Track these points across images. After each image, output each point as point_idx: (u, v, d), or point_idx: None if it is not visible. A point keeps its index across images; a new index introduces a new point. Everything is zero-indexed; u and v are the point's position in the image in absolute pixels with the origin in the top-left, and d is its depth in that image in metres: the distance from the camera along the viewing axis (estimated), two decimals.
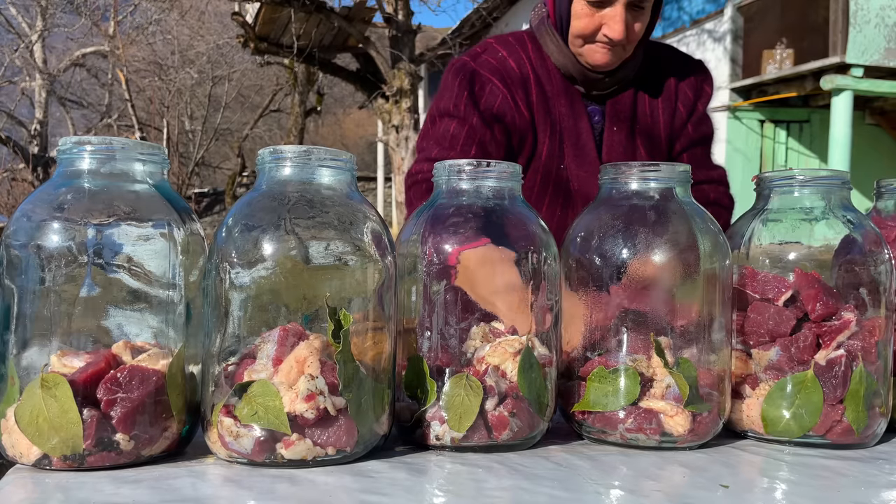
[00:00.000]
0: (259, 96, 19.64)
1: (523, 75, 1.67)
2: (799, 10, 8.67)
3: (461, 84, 1.67)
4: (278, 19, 10.60)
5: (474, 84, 1.66)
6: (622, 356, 0.92)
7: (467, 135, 1.62)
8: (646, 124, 1.70)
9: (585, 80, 1.65)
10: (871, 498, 0.77)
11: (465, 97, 1.66)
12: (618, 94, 1.69)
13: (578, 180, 1.62)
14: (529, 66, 1.68)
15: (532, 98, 1.66)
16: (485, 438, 0.87)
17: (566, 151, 1.65)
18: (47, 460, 0.76)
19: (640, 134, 1.70)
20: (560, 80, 1.67)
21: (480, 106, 1.64)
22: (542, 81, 1.67)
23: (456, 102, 1.66)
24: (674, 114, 1.74)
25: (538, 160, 1.66)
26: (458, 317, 0.89)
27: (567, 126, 1.66)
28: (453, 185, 0.93)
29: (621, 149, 1.67)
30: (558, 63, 1.66)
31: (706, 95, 1.80)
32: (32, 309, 0.79)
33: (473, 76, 1.66)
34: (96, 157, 0.83)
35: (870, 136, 9.08)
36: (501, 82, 1.65)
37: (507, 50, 1.70)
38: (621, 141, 1.67)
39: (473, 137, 1.62)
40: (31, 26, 17.01)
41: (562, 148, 1.65)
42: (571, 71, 1.64)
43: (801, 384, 0.93)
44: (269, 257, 0.80)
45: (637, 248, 0.93)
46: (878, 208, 1.13)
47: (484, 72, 1.66)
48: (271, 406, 0.77)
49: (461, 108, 1.65)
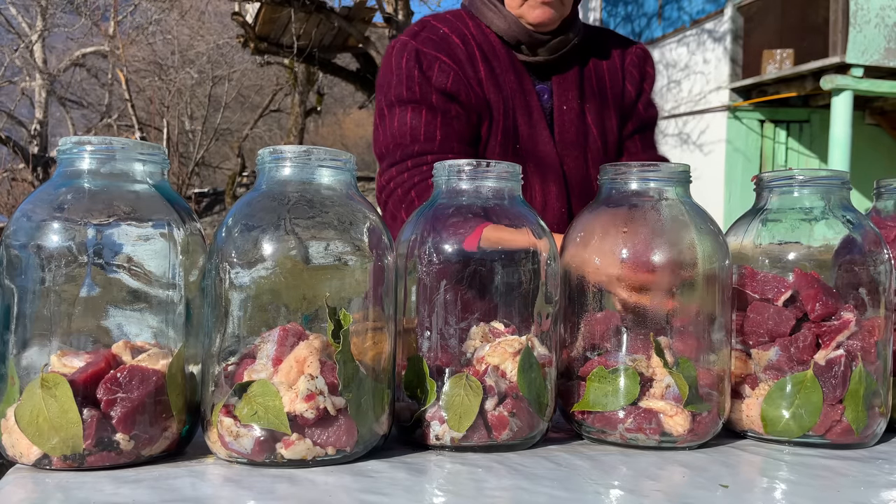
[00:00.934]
0: (259, 96, 19.64)
1: (469, 52, 1.58)
2: (799, 10, 8.67)
3: (408, 64, 1.56)
4: (278, 19, 10.61)
5: (421, 63, 1.55)
6: (622, 356, 0.92)
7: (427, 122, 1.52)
8: (595, 103, 1.66)
9: (531, 43, 1.59)
10: (870, 498, 0.77)
11: (417, 77, 1.55)
12: (563, 71, 1.63)
13: (535, 161, 1.57)
14: (474, 42, 1.60)
15: (481, 75, 1.57)
16: (484, 438, 0.87)
17: (521, 131, 1.58)
18: (47, 460, 0.76)
19: (590, 112, 1.65)
20: (506, 56, 1.60)
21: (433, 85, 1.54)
22: (488, 58, 1.59)
23: (408, 86, 1.54)
24: (622, 93, 1.71)
25: (494, 140, 1.58)
26: (458, 317, 0.89)
27: (519, 104, 1.59)
28: (453, 185, 0.93)
29: (573, 129, 1.62)
30: (500, 30, 1.59)
31: (650, 77, 1.77)
32: (32, 309, 0.79)
33: (419, 55, 1.56)
34: (96, 157, 0.83)
35: (870, 136, 9.09)
36: (450, 59, 1.56)
37: (447, 26, 1.61)
38: (572, 120, 1.63)
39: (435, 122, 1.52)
40: (31, 26, 17.01)
41: (516, 128, 1.58)
42: (517, 33, 1.58)
43: (800, 384, 0.93)
44: (269, 257, 0.80)
45: (637, 247, 0.93)
46: (877, 208, 1.13)
47: (429, 49, 1.56)
48: (271, 406, 0.78)
49: (415, 90, 1.54)
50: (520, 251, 0.90)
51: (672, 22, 10.55)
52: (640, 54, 1.76)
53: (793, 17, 8.74)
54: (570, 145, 1.61)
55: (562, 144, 1.61)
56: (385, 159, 1.54)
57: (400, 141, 1.52)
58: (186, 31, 17.44)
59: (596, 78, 1.67)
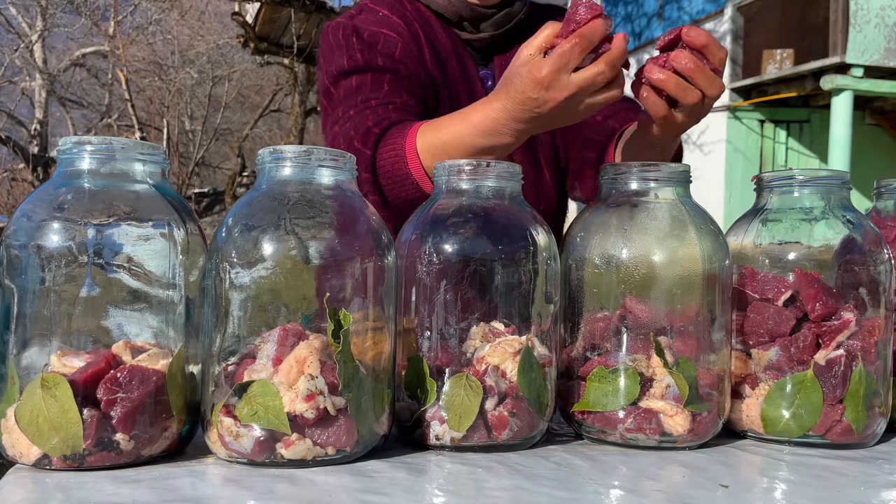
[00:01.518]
0: (259, 96, 19.64)
1: (412, 33, 1.48)
2: (799, 10, 8.68)
3: (346, 36, 1.45)
4: (278, 19, 10.61)
5: (362, 34, 1.45)
6: (622, 356, 0.92)
7: (373, 80, 1.40)
8: None
9: (474, 17, 1.51)
10: (870, 498, 0.77)
11: (357, 45, 1.44)
12: (505, 52, 1.55)
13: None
14: (417, 24, 1.50)
15: (426, 58, 1.48)
16: (484, 438, 0.87)
17: None
18: (47, 460, 0.76)
19: None
20: (447, 40, 1.52)
21: (380, 52, 1.43)
22: (431, 41, 1.50)
23: (349, 55, 1.43)
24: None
25: None
26: (458, 317, 0.89)
27: (462, 91, 1.51)
28: (453, 185, 0.93)
29: None
30: (440, 6, 1.51)
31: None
32: (32, 309, 0.79)
33: (358, 30, 1.46)
34: (96, 157, 0.83)
35: (870, 136, 9.09)
36: (394, 33, 1.46)
37: (387, 8, 1.51)
38: None
39: (382, 79, 1.40)
40: (31, 26, 17.02)
41: None
42: (458, 8, 1.50)
43: (800, 384, 0.93)
44: (269, 257, 0.80)
45: (637, 247, 0.93)
46: (877, 208, 1.13)
47: (369, 27, 1.47)
48: (271, 406, 0.78)
49: (357, 58, 1.42)
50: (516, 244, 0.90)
51: (672, 22, 10.55)
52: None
53: (793, 17, 8.74)
54: None
55: None
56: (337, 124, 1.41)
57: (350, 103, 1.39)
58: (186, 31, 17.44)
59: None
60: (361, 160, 1.29)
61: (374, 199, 1.30)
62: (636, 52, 11.08)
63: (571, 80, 1.06)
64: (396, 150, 1.26)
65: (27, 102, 18.38)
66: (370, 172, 1.29)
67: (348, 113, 1.39)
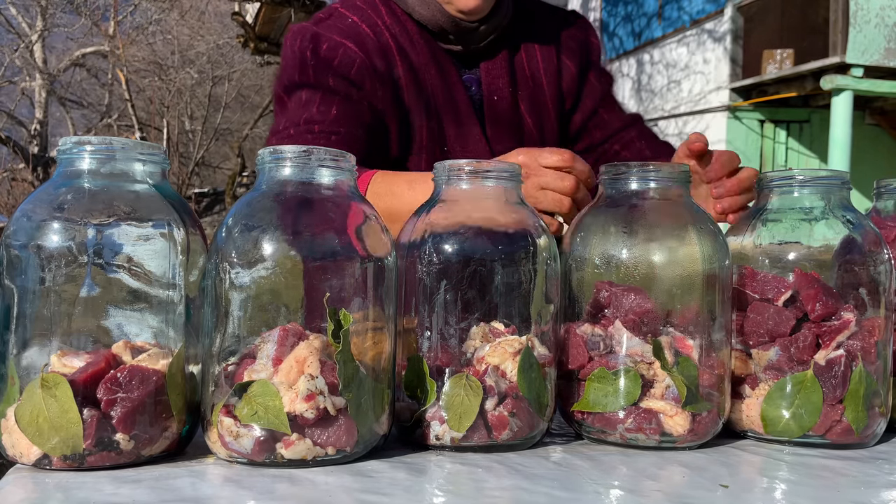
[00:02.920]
0: (259, 96, 19.64)
1: (382, 44, 1.41)
2: (799, 10, 8.67)
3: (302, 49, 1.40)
4: (278, 19, 10.62)
5: (320, 47, 1.39)
6: (622, 356, 0.92)
7: (322, 100, 1.35)
8: (528, 89, 1.51)
9: (458, 32, 1.43)
10: (870, 498, 0.77)
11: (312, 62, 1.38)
12: (492, 57, 1.49)
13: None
14: (388, 33, 1.42)
15: (398, 71, 1.40)
16: (485, 438, 0.87)
17: (447, 132, 1.43)
18: (47, 460, 0.76)
19: (523, 101, 1.51)
20: (425, 47, 1.44)
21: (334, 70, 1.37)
22: (406, 51, 1.42)
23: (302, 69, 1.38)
24: (559, 72, 1.55)
25: (418, 145, 1.42)
26: (458, 317, 0.89)
27: (443, 101, 1.43)
28: (453, 186, 0.93)
29: (506, 121, 1.48)
30: (423, 18, 1.42)
31: (595, 47, 1.62)
32: (32, 309, 0.79)
33: (318, 39, 1.40)
34: (96, 157, 0.83)
35: (870, 136, 9.09)
36: (357, 47, 1.39)
37: (357, 14, 1.44)
38: (505, 111, 1.48)
39: (331, 101, 1.35)
40: (31, 26, 17.02)
41: (441, 128, 1.43)
42: (441, 22, 1.42)
43: (800, 384, 0.93)
44: (269, 257, 0.80)
45: (636, 248, 0.93)
46: (877, 208, 1.13)
47: (332, 35, 1.40)
48: (271, 406, 0.78)
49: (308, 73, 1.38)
50: (517, 247, 0.90)
51: (672, 22, 10.55)
52: (579, 24, 1.62)
53: (793, 17, 8.74)
54: (503, 138, 1.48)
55: (494, 139, 1.48)
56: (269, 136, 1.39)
57: (296, 121, 1.35)
58: (186, 31, 17.44)
59: (527, 60, 1.52)
60: None
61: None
62: (636, 52, 11.08)
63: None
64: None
65: (27, 102, 18.39)
66: None
67: (288, 131, 1.35)
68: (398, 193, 1.20)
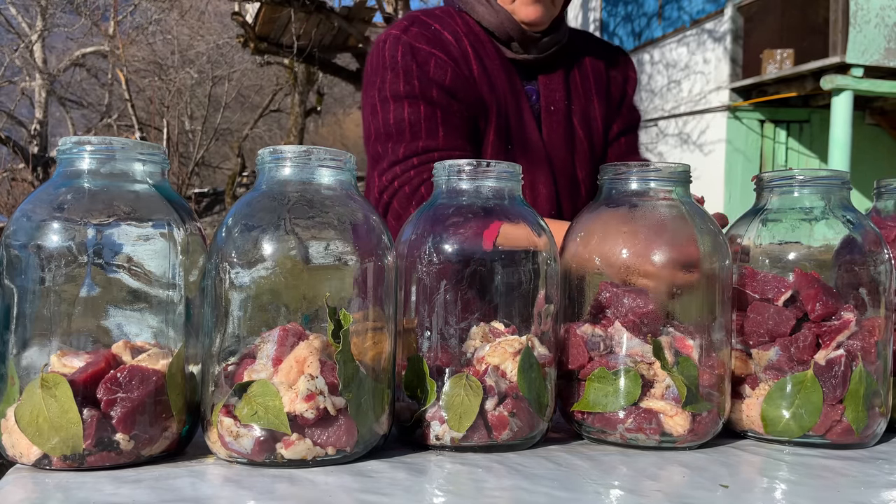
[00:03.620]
0: (259, 96, 19.64)
1: (462, 49, 1.52)
2: (799, 10, 8.68)
3: (404, 58, 1.47)
4: (278, 19, 10.62)
5: (417, 57, 1.47)
6: (622, 357, 0.92)
7: (427, 117, 1.44)
8: (581, 105, 1.64)
9: (523, 39, 1.56)
10: (870, 498, 0.77)
11: (415, 71, 1.46)
12: (550, 71, 1.62)
13: (526, 161, 1.53)
14: (466, 39, 1.54)
15: (475, 75, 1.52)
16: (485, 438, 0.87)
17: (512, 132, 1.55)
18: (47, 460, 0.76)
19: (576, 115, 1.63)
20: (496, 55, 1.56)
21: (432, 79, 1.46)
22: (480, 56, 1.54)
23: (406, 80, 1.45)
24: (606, 95, 1.69)
25: (487, 140, 1.53)
26: (458, 317, 0.89)
27: (510, 106, 1.55)
28: (453, 185, 0.93)
29: (561, 129, 1.60)
30: (492, 25, 1.55)
31: (633, 81, 1.76)
32: (32, 309, 0.79)
33: (413, 50, 1.48)
34: (96, 157, 0.83)
35: (870, 136, 9.09)
36: (445, 55, 1.49)
37: (438, 23, 1.54)
38: (560, 121, 1.61)
39: (435, 117, 1.45)
40: (31, 26, 17.02)
41: (508, 128, 1.54)
42: (508, 29, 1.54)
43: (800, 384, 0.93)
44: (269, 257, 0.80)
45: (637, 248, 0.93)
46: (877, 208, 1.13)
47: (421, 45, 1.48)
48: (271, 406, 0.78)
49: (413, 84, 1.45)
50: (520, 251, 0.90)
51: (672, 22, 10.55)
52: (622, 59, 1.76)
53: (793, 17, 8.74)
54: (558, 146, 1.61)
55: (550, 145, 1.60)
56: (385, 158, 1.48)
57: (399, 138, 1.45)
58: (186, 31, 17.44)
59: (581, 79, 1.66)
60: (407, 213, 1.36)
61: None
62: (636, 51, 11.08)
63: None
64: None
65: (27, 102, 18.38)
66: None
67: (411, 160, 1.44)
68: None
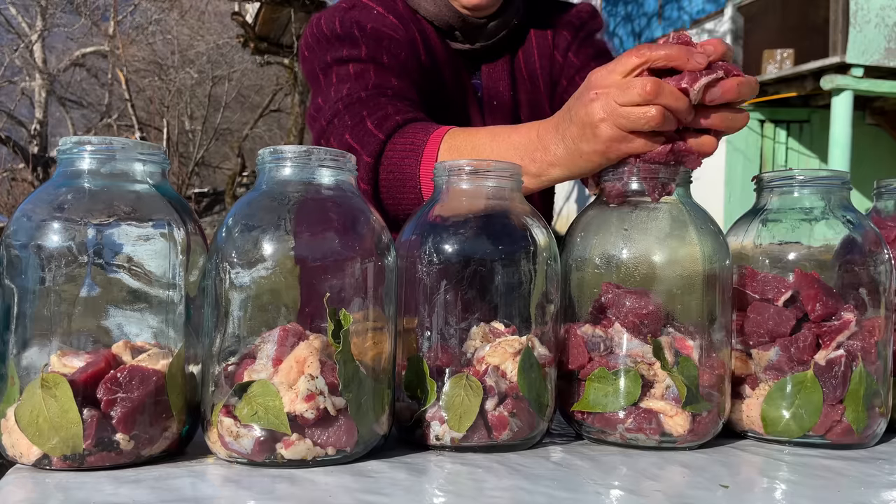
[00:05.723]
0: (259, 96, 19.64)
1: (409, 36, 1.40)
2: (799, 10, 8.67)
3: (348, 29, 1.35)
4: (278, 19, 10.62)
5: (365, 28, 1.35)
6: (622, 357, 0.92)
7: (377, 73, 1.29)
8: (526, 91, 1.51)
9: (465, 28, 1.43)
10: (871, 498, 0.77)
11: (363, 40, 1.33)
12: (493, 60, 1.48)
13: None
14: (414, 26, 1.42)
15: (423, 59, 1.40)
16: (485, 438, 0.87)
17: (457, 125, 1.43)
18: (47, 460, 0.76)
19: (522, 107, 1.50)
20: (441, 46, 1.43)
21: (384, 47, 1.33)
22: (428, 45, 1.42)
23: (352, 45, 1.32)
24: (551, 69, 1.53)
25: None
26: (458, 317, 0.89)
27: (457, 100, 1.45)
28: (453, 185, 0.93)
29: (505, 123, 1.45)
30: (430, 14, 1.42)
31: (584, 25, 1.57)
32: (32, 309, 0.79)
33: (360, 24, 1.35)
34: (96, 157, 0.83)
35: (870, 136, 9.08)
36: (392, 31, 1.36)
37: (382, 6, 1.41)
38: (505, 117, 1.47)
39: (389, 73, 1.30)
40: (31, 26, 17.02)
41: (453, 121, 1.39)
42: (449, 19, 1.41)
43: (800, 384, 0.93)
44: (269, 257, 0.80)
45: (637, 248, 0.93)
46: (877, 208, 1.13)
47: (370, 23, 1.36)
48: (271, 406, 0.78)
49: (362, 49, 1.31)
50: (520, 251, 0.90)
51: (672, 22, 10.55)
52: (581, 16, 1.58)
53: (793, 17, 8.73)
54: None
55: None
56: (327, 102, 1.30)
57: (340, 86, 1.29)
58: (186, 31, 17.44)
59: (525, 61, 1.52)
60: (368, 144, 1.20)
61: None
62: None
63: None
64: (414, 143, 1.17)
65: (27, 102, 18.39)
66: (373, 158, 1.20)
67: (358, 94, 1.28)
68: (479, 146, 1.13)
